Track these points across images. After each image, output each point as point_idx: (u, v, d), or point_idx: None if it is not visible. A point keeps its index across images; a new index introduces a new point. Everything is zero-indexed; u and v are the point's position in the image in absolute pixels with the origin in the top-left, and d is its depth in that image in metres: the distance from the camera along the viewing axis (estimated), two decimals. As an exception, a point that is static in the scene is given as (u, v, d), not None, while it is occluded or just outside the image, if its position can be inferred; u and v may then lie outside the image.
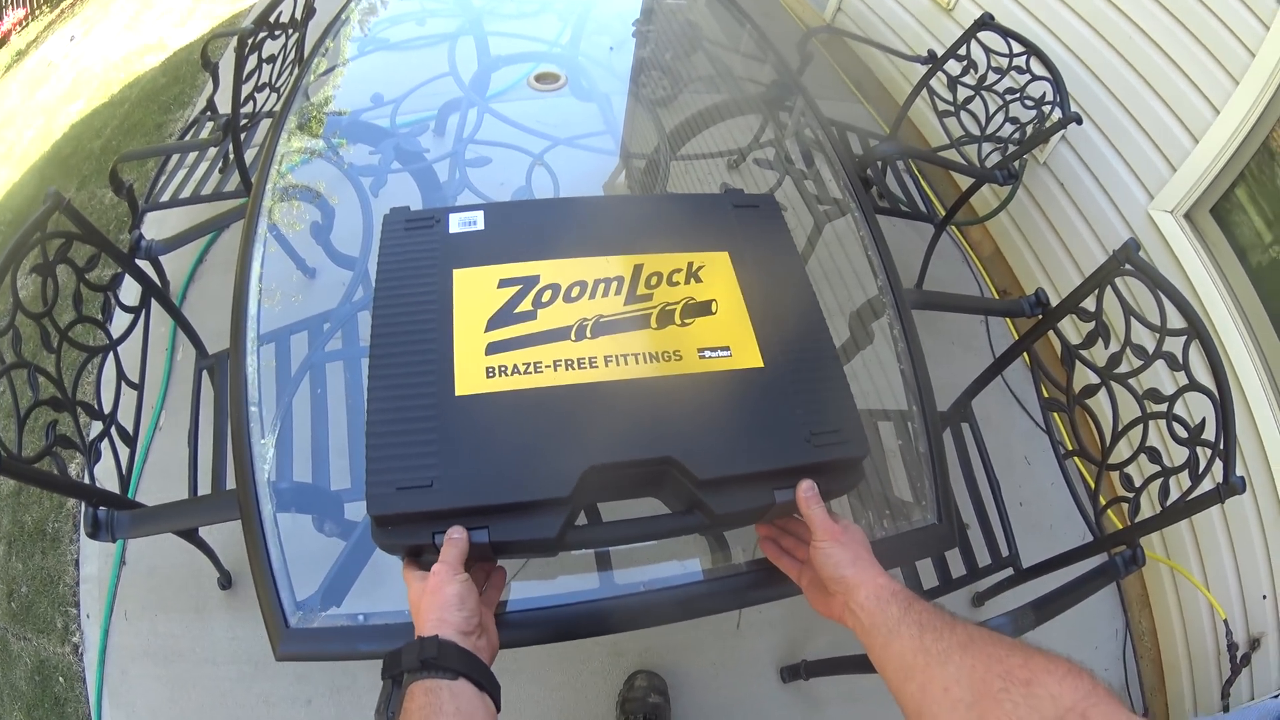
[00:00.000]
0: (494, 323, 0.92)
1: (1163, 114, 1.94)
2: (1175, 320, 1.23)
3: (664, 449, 0.83)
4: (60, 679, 1.87)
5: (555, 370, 0.88)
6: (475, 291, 0.95)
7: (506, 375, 0.88)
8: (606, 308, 0.93)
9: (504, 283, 0.95)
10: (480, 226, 1.01)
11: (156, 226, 2.30)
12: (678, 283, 0.96)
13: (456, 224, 1.01)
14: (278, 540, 1.02)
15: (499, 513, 0.81)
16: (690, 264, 0.98)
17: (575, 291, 0.94)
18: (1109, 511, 1.41)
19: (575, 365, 0.89)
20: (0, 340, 1.13)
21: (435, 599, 0.72)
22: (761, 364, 0.91)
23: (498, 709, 0.70)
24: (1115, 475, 1.36)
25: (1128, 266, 1.28)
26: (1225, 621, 1.74)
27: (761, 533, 0.89)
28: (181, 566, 1.80)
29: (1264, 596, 1.68)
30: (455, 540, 0.77)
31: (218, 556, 1.70)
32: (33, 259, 1.20)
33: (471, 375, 0.88)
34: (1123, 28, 2.04)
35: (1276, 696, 1.55)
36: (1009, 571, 1.53)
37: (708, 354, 0.91)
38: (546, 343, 0.90)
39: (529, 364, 0.88)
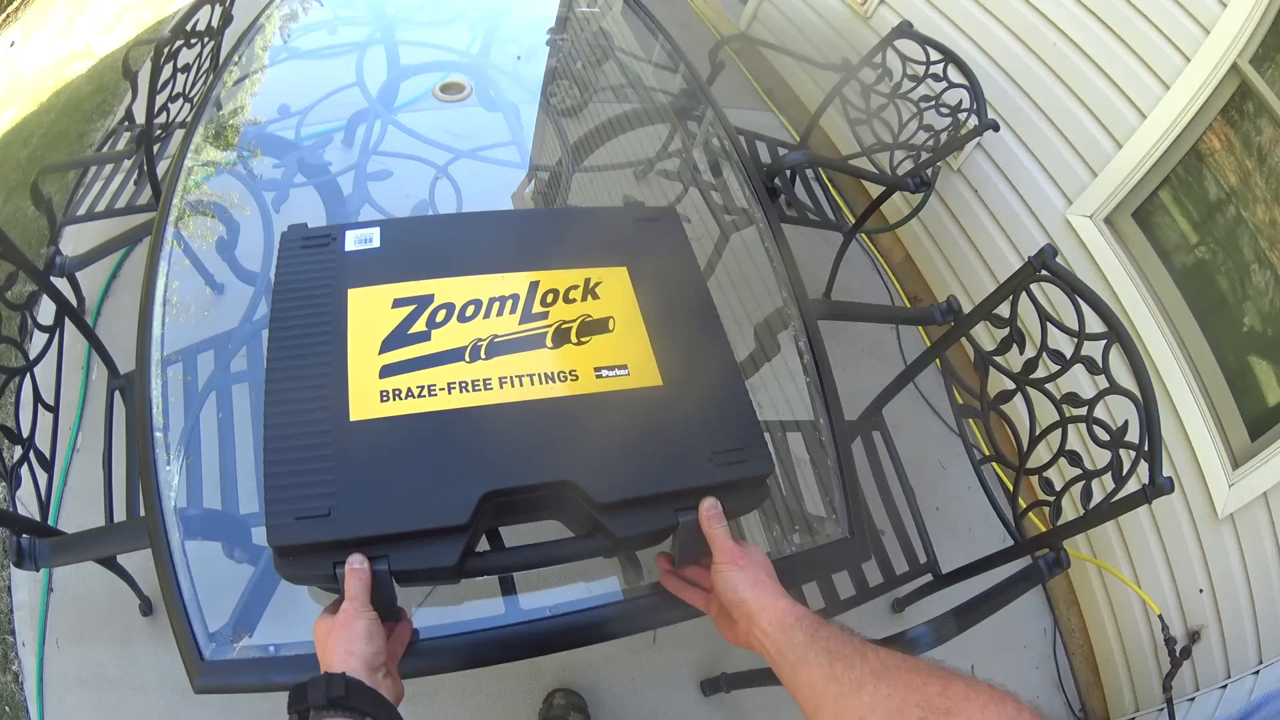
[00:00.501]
0: (388, 344, 0.90)
1: (1085, 120, 1.97)
2: (1095, 325, 1.23)
3: (562, 473, 0.83)
4: (5, 708, 1.82)
5: (450, 393, 0.87)
6: (370, 312, 0.92)
7: (401, 399, 0.86)
8: (502, 327, 0.92)
9: (398, 302, 0.93)
10: (376, 244, 0.99)
11: (74, 241, 2.21)
12: (574, 299, 0.95)
13: (352, 241, 0.99)
14: (187, 570, 0.98)
15: (398, 541, 0.79)
16: (588, 280, 0.97)
17: (470, 310, 0.93)
18: (1030, 515, 1.41)
19: (470, 388, 0.87)
20: None
21: (344, 633, 0.70)
22: (660, 382, 0.90)
23: None
24: (1035, 479, 1.35)
25: (1044, 272, 1.28)
26: (1160, 617, 1.75)
27: (662, 566, 0.87)
28: (105, 593, 1.74)
29: (1200, 590, 1.70)
30: (357, 571, 0.75)
31: (136, 583, 1.65)
32: None
33: (366, 399, 0.86)
34: (1046, 34, 2.07)
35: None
36: (928, 577, 1.54)
37: (605, 373, 0.90)
38: (441, 364, 0.89)
39: (423, 387, 0.87)
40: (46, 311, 1.44)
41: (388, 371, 0.88)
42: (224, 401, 1.20)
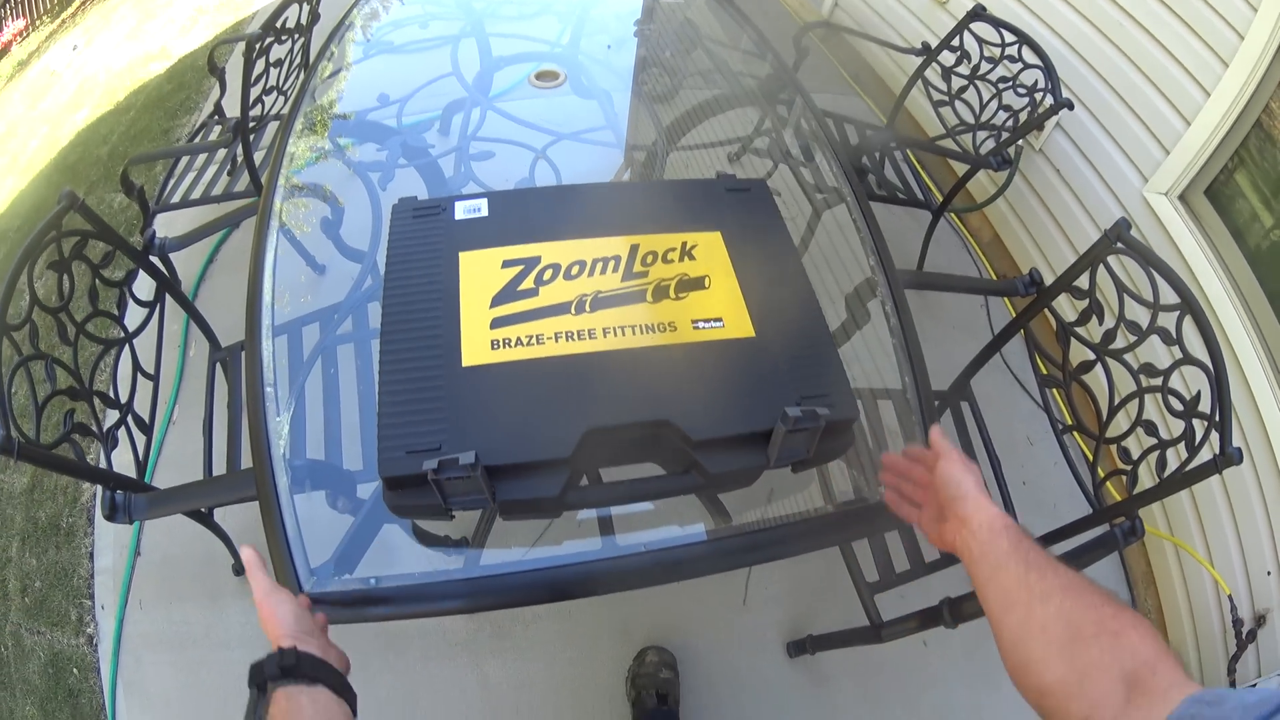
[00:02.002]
0: (498, 299, 1.00)
1: (1154, 98, 2.00)
2: (1169, 297, 1.27)
3: (660, 412, 0.91)
4: (74, 670, 1.92)
5: (556, 341, 0.96)
6: (480, 272, 1.02)
7: (510, 347, 0.95)
8: (605, 284, 1.01)
9: (507, 263, 1.03)
10: (484, 213, 1.09)
11: (166, 228, 2.38)
12: (672, 260, 1.04)
13: (462, 211, 1.09)
14: (293, 513, 1.08)
15: (504, 473, 0.88)
16: (684, 243, 1.06)
17: (575, 270, 1.02)
18: (1108, 484, 1.45)
19: (575, 337, 0.96)
20: (19, 334, 1.19)
21: (273, 614, 0.81)
22: (753, 333, 0.98)
23: (354, 714, 0.76)
24: (1114, 449, 1.39)
25: (1119, 245, 1.33)
26: (1230, 597, 1.77)
27: (886, 481, 0.92)
28: (195, 554, 1.87)
29: (1269, 573, 1.71)
30: (251, 559, 0.85)
31: (233, 541, 1.76)
32: (48, 256, 1.26)
33: (477, 347, 0.95)
34: (1111, 14, 2.10)
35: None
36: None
37: (701, 325, 0.98)
38: (548, 316, 0.98)
39: (532, 336, 0.96)
40: (144, 289, 1.56)
41: (498, 323, 0.98)
42: (330, 362, 1.31)
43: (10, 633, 2.08)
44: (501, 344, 0.96)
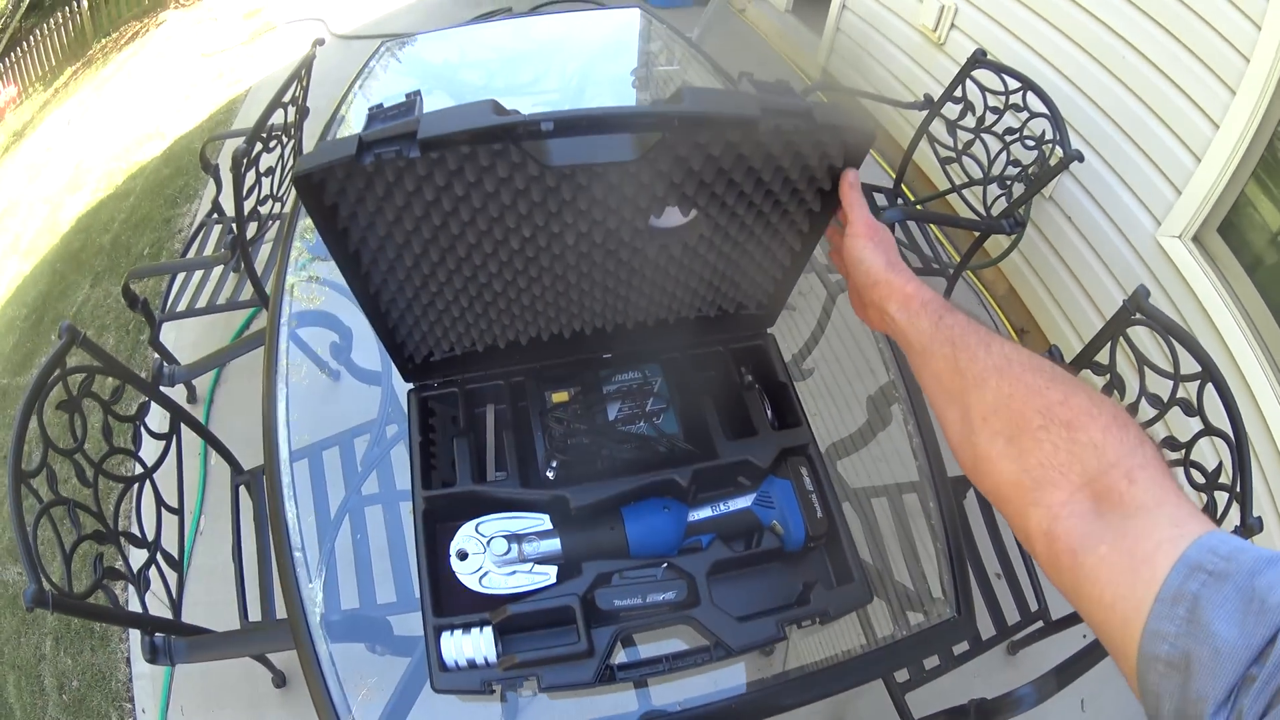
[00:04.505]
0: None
1: (1163, 135, 1.99)
2: (1190, 365, 1.27)
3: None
4: None
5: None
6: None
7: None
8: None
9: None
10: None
11: (175, 331, 2.44)
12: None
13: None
14: (335, 673, 1.12)
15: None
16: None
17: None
18: None
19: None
20: (36, 479, 1.21)
21: None
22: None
23: None
24: None
25: (1138, 316, 1.34)
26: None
27: (833, 242, 0.85)
28: (234, 664, 1.87)
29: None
30: None
31: (269, 658, 1.80)
32: (56, 396, 1.27)
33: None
34: (1115, 47, 2.09)
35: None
36: (1040, 624, 1.59)
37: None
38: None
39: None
40: (157, 418, 1.58)
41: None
42: (358, 525, 1.34)
43: (51, 729, 2.14)
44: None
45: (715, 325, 1.11)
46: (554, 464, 0.99)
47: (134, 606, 1.36)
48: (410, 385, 1.07)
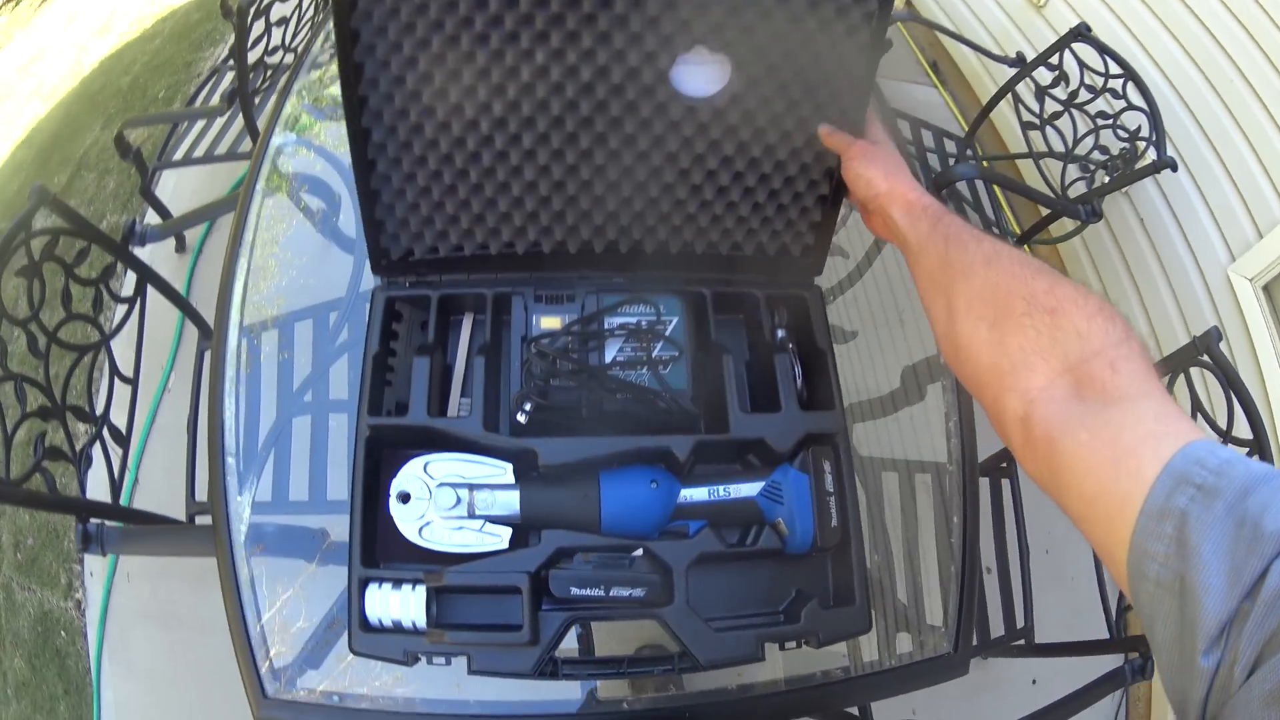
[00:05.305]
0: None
1: (1258, 173, 1.75)
2: (1243, 428, 1.17)
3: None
4: (62, 632, 1.89)
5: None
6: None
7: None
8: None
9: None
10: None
11: (175, 179, 2.21)
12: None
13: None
14: (254, 602, 0.99)
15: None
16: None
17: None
18: (1131, 612, 1.37)
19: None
20: None
21: None
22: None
23: None
24: None
25: (1205, 358, 1.21)
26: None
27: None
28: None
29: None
30: None
31: None
32: (16, 262, 1.11)
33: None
34: (1223, 66, 1.82)
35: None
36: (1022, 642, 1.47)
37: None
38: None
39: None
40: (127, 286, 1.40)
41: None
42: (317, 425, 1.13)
43: (2, 584, 2.04)
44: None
45: (752, 265, 0.89)
46: (528, 406, 0.78)
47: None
48: (377, 283, 0.85)
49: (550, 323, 0.82)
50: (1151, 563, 0.38)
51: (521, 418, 0.77)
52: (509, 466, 0.75)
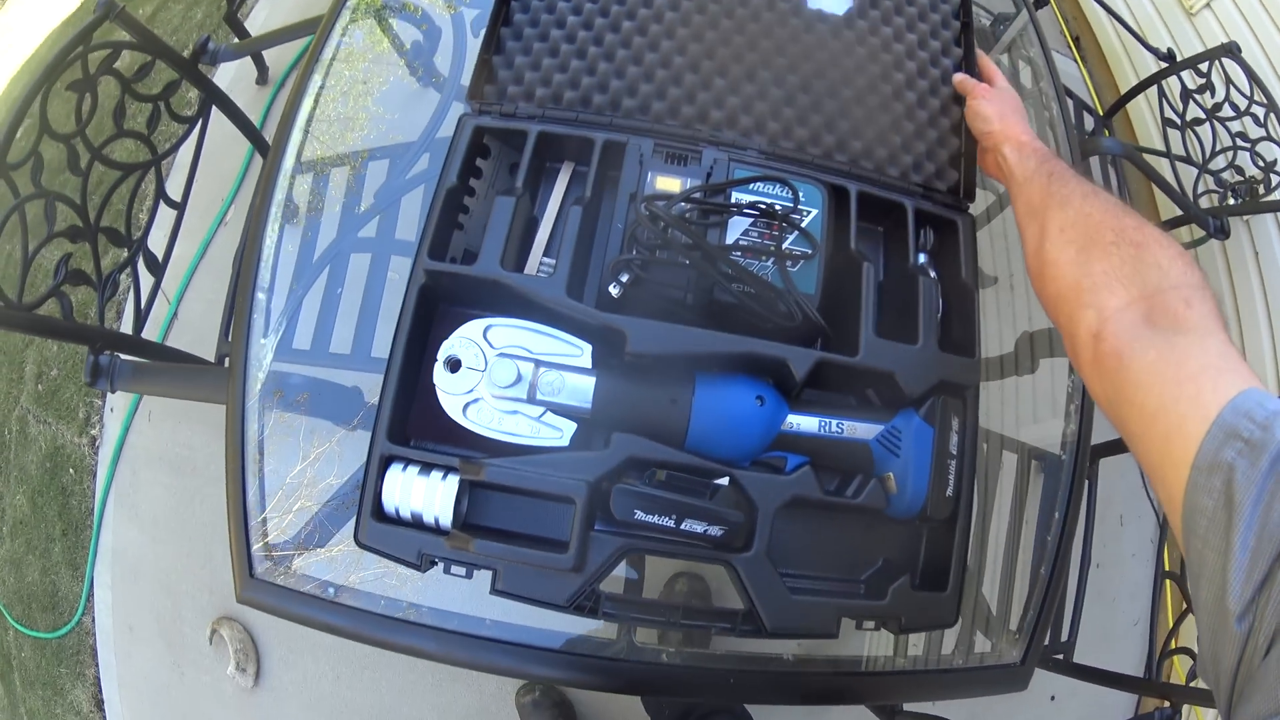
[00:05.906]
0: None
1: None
2: None
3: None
4: (71, 470, 1.79)
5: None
6: None
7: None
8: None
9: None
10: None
11: (269, 9, 2.04)
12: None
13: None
14: (259, 468, 0.83)
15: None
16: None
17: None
18: (1174, 660, 1.29)
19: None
20: (18, 171, 0.92)
21: None
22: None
23: None
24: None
25: None
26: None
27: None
28: None
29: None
30: None
31: None
32: (70, 76, 0.98)
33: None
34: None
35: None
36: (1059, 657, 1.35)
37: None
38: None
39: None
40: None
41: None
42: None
43: (18, 417, 1.95)
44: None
45: (901, 180, 0.75)
46: (624, 277, 0.61)
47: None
48: (467, 109, 0.68)
49: (668, 184, 0.64)
50: (1201, 518, 0.38)
51: (615, 289, 0.61)
52: (588, 348, 0.60)
